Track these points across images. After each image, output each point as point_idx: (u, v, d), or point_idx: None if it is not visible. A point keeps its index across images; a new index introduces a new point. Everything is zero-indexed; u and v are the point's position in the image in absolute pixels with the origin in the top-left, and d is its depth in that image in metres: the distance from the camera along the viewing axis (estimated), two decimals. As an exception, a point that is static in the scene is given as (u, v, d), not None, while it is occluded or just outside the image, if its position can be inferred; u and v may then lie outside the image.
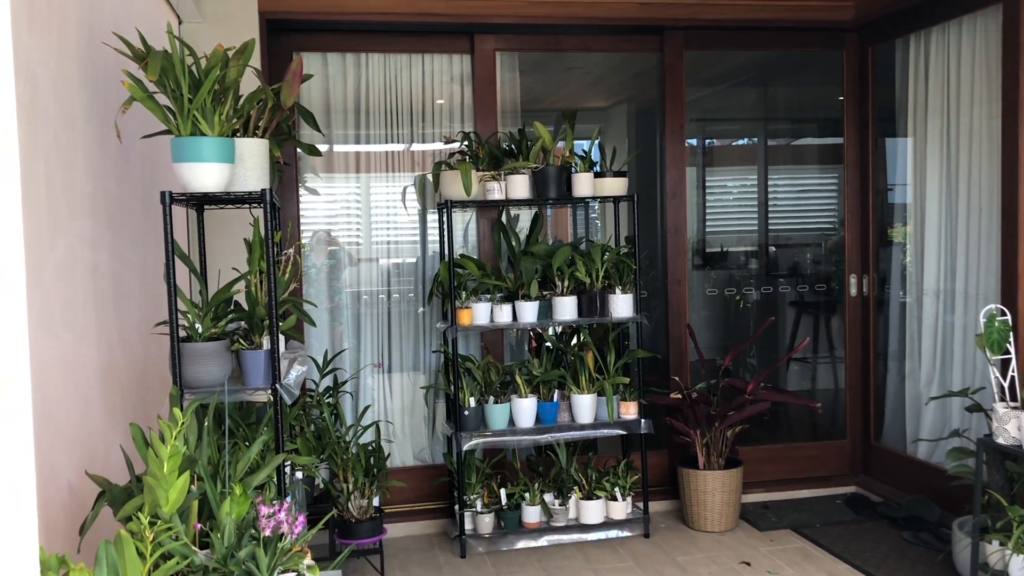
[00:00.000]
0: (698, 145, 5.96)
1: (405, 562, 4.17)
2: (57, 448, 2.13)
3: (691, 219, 5.51)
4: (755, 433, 5.15)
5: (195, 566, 1.80)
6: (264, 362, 2.64)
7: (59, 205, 2.23)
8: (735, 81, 5.90)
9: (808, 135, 6.12)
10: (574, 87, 5.85)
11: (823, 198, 5.81)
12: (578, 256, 4.34)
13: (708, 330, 5.64)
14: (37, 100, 2.07)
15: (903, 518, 4.44)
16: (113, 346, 2.69)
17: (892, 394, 5.02)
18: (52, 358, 2.12)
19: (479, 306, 4.22)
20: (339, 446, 3.82)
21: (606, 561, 4.11)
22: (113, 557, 1.45)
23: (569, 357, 4.49)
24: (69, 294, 2.28)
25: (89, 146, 2.51)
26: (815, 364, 5.77)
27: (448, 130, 4.76)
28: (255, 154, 2.70)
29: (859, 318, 5.14)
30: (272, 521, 1.86)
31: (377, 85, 4.74)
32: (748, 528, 4.50)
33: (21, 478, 0.85)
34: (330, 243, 4.79)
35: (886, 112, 5.02)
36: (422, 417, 4.86)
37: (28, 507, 0.86)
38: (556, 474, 4.48)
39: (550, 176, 4.24)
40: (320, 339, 4.71)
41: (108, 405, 2.61)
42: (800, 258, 5.73)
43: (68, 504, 2.16)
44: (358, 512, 3.82)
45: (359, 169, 4.81)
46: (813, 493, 4.99)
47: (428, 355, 4.85)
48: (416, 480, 4.68)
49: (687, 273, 5.00)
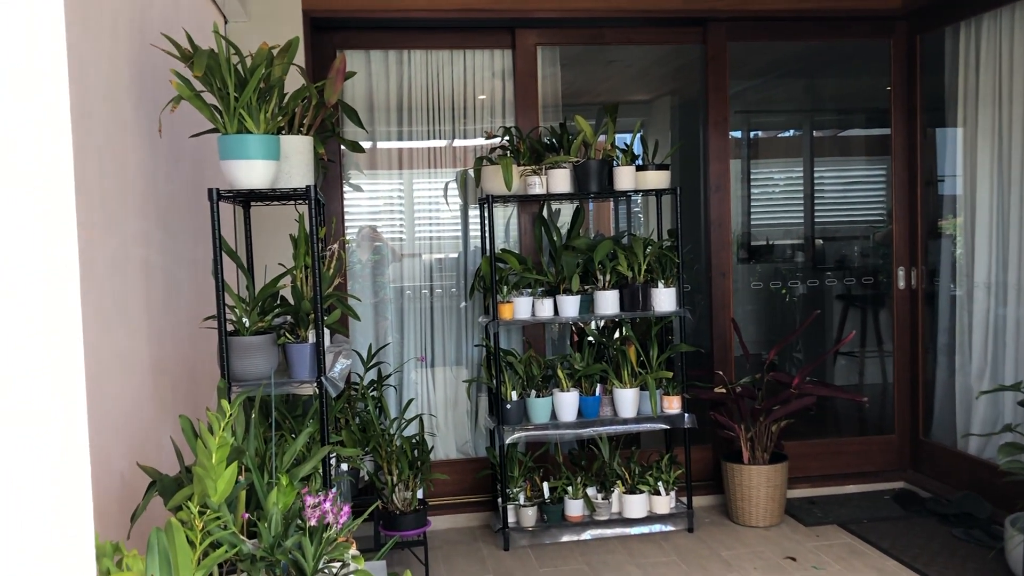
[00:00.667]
0: (743, 137, 5.91)
1: (449, 554, 4.20)
2: (110, 439, 2.19)
3: (736, 212, 5.48)
4: (802, 428, 5.10)
5: (243, 554, 1.84)
6: (309, 355, 2.68)
7: (112, 203, 2.28)
8: (780, 72, 5.83)
9: (855, 126, 6.04)
10: (616, 80, 5.84)
11: (871, 190, 5.73)
12: (620, 250, 4.33)
13: (754, 324, 5.60)
14: (88, 101, 2.12)
15: (953, 515, 4.37)
16: (164, 340, 2.75)
17: (942, 388, 4.93)
18: (106, 352, 2.18)
19: (520, 300, 4.24)
20: (383, 439, 3.86)
21: (649, 555, 4.11)
22: (164, 544, 1.49)
23: (611, 351, 4.49)
24: (122, 290, 2.34)
25: (140, 146, 2.57)
26: (863, 358, 5.69)
27: (490, 125, 4.78)
28: (299, 151, 2.74)
29: (907, 311, 5.06)
30: (317, 511, 1.89)
31: (419, 81, 4.77)
32: (793, 523, 4.46)
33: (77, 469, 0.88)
34: (375, 239, 4.84)
35: (935, 102, 4.93)
36: (465, 411, 4.90)
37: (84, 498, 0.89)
38: (599, 468, 4.48)
39: (591, 170, 4.24)
40: (365, 333, 4.77)
41: (159, 398, 2.67)
42: (847, 251, 5.65)
43: (120, 493, 2.22)
44: (402, 504, 3.86)
45: (402, 165, 4.85)
46: (860, 489, 4.93)
47: (471, 349, 4.88)
48: (460, 473, 4.72)
49: (731, 266, 4.96)
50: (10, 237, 0.82)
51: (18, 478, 0.82)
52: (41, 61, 0.85)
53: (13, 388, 0.82)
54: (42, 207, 0.86)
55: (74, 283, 0.90)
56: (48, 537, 0.86)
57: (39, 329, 0.85)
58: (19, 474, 0.82)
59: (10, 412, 0.81)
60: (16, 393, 0.82)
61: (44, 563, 0.85)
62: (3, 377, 0.80)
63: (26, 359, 0.83)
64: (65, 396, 0.89)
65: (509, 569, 4.00)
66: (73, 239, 0.90)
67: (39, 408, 0.85)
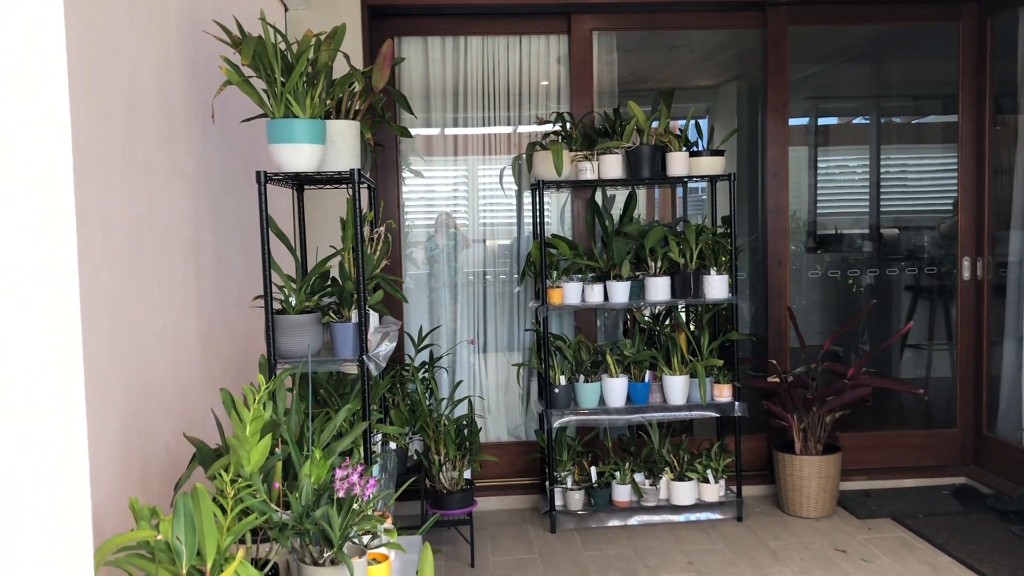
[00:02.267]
0: (809, 124, 5.80)
1: (496, 534, 4.26)
2: (156, 412, 2.30)
3: (803, 201, 5.40)
4: (861, 420, 5.02)
5: (273, 522, 1.91)
6: (352, 334, 2.75)
7: (159, 186, 2.38)
8: (847, 57, 5.70)
9: (924, 112, 5.87)
10: (679, 66, 5.78)
11: (940, 178, 5.57)
12: (671, 236, 4.31)
13: (817, 314, 5.51)
14: (136, 89, 2.22)
15: (1014, 512, 4.25)
16: (214, 319, 2.86)
17: (1008, 382, 4.79)
18: (152, 330, 2.28)
19: (570, 286, 4.26)
20: (431, 419, 3.93)
21: (696, 543, 4.10)
22: (190, 508, 1.57)
23: (662, 338, 4.48)
24: (168, 270, 2.43)
25: (191, 130, 2.67)
26: (930, 351, 5.55)
27: (545, 112, 4.80)
28: (345, 135, 2.80)
29: (972, 303, 4.92)
30: (345, 483, 1.96)
31: (475, 68, 4.81)
32: (846, 515, 4.40)
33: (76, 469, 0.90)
34: (449, 225, 4.91)
35: (1007, 88, 4.76)
36: (517, 395, 4.94)
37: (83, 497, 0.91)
38: (647, 454, 4.48)
39: (643, 155, 4.22)
40: (420, 316, 4.85)
41: (207, 375, 2.77)
42: (916, 240, 5.51)
43: (165, 464, 2.32)
44: (449, 484, 3.93)
45: (458, 152, 4.90)
46: (918, 483, 4.82)
47: (523, 334, 4.92)
48: (509, 456, 4.77)
49: (788, 255, 4.89)
50: (10, 237, 0.82)
51: (18, 478, 0.83)
52: (41, 61, 0.87)
53: (13, 388, 0.82)
54: (42, 207, 0.87)
55: (73, 283, 0.90)
56: (47, 537, 0.86)
57: (39, 329, 0.85)
58: (19, 474, 0.83)
59: (10, 412, 0.82)
60: (16, 393, 0.83)
61: (43, 563, 0.85)
62: (3, 377, 0.81)
63: (26, 359, 0.83)
64: (65, 396, 0.89)
65: (554, 551, 4.04)
66: (72, 239, 0.90)
67: (39, 408, 0.85)
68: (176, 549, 1.57)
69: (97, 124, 1.96)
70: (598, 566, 3.85)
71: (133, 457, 2.13)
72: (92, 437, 1.90)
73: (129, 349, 2.12)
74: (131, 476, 2.10)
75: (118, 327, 2.04)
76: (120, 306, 2.06)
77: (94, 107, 1.95)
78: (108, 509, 1.94)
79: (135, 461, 2.14)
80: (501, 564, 3.91)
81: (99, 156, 1.97)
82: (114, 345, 2.02)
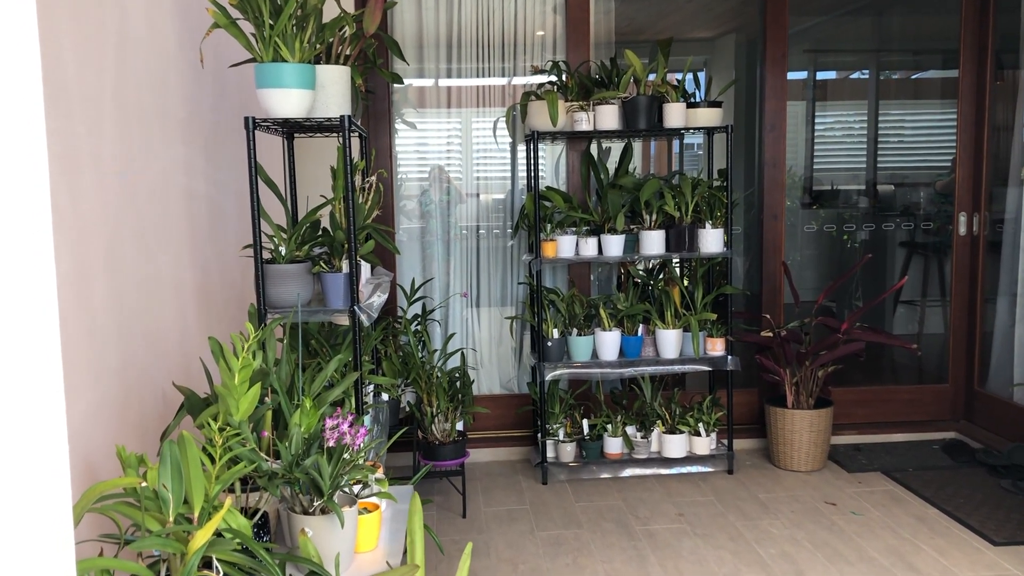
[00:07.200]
0: (808, 78, 5.73)
1: (488, 486, 4.28)
2: (153, 360, 2.27)
3: (799, 156, 5.35)
4: (854, 375, 5.02)
5: (262, 471, 1.90)
6: (343, 284, 2.73)
7: (152, 130, 2.33)
8: (846, 9, 5.61)
9: (924, 67, 5.80)
10: (676, 17, 5.68)
11: (937, 135, 5.52)
12: (667, 189, 4.27)
13: (812, 270, 5.49)
14: (128, 26, 2.15)
15: (1003, 466, 4.28)
16: (209, 268, 2.82)
17: (1000, 338, 4.79)
18: (147, 277, 2.25)
19: (564, 239, 4.22)
20: (423, 371, 3.92)
21: (687, 495, 4.12)
22: (176, 455, 1.55)
23: (655, 292, 4.46)
24: (162, 217, 2.39)
25: (183, 73, 2.61)
26: (923, 307, 5.55)
27: (540, 62, 4.72)
28: (336, 81, 2.75)
29: (967, 258, 4.90)
30: (335, 432, 1.94)
31: (470, 17, 4.72)
32: (836, 469, 4.42)
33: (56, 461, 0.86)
34: (442, 179, 4.85)
35: (1009, 42, 4.69)
36: (510, 348, 4.93)
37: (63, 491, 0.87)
38: (639, 407, 4.49)
39: (640, 106, 4.16)
40: (413, 269, 4.81)
41: (204, 323, 2.75)
42: (912, 197, 5.47)
43: (161, 411, 2.31)
44: (441, 435, 3.93)
45: (451, 104, 4.83)
46: (909, 437, 4.85)
47: (516, 287, 4.90)
48: (502, 408, 4.78)
49: (783, 208, 4.86)
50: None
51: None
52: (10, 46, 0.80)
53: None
54: (15, 196, 0.81)
55: (50, 270, 0.85)
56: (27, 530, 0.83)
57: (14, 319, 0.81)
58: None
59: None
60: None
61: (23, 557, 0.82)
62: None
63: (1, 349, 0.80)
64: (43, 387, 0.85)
65: (546, 502, 4.06)
66: (48, 228, 0.86)
67: (16, 400, 0.82)
68: (163, 497, 1.56)
69: (87, 61, 1.90)
70: (589, 517, 3.87)
71: (131, 404, 2.11)
72: (89, 382, 1.87)
73: (125, 295, 2.09)
74: (128, 423, 2.09)
75: (113, 271, 2.01)
76: (114, 250, 2.02)
77: (84, 43, 1.89)
78: (104, 456, 1.92)
79: (133, 408, 2.12)
80: (492, 515, 3.93)
81: (90, 97, 1.91)
82: (109, 290, 1.99)
